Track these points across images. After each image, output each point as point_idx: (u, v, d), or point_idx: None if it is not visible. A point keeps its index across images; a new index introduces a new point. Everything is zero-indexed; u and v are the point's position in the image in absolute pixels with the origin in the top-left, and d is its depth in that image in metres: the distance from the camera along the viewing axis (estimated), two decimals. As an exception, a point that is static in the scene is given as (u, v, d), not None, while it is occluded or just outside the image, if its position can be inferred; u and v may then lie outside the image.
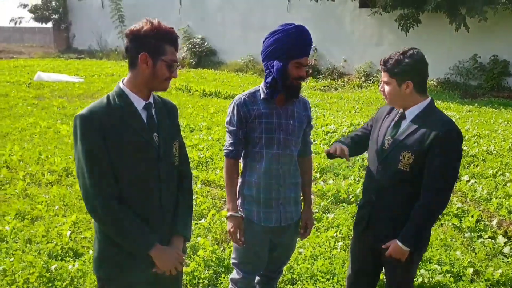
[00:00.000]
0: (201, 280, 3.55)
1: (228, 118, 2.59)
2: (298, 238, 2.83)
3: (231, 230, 2.57)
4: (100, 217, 1.94)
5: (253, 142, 2.55)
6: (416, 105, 2.40)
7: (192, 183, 2.34)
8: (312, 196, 4.57)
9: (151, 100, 2.08)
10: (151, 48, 1.95)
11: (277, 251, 2.75)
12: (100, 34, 32.13)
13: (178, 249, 2.12)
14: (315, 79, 17.82)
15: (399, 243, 2.35)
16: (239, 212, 2.59)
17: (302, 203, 2.79)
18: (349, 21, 18.11)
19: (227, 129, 2.62)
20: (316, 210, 5.01)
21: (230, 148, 2.59)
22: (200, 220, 4.73)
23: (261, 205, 2.57)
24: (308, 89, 15.17)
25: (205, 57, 24.22)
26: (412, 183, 2.35)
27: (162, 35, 1.97)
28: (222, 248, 4.11)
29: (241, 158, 2.64)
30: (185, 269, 3.59)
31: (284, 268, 3.66)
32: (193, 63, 24.09)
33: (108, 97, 1.99)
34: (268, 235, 2.63)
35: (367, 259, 2.66)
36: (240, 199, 2.64)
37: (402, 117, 2.46)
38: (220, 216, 4.71)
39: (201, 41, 24.91)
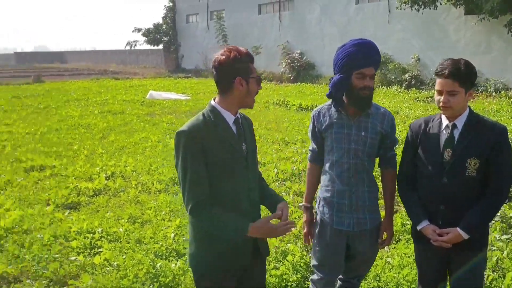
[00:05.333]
0: (289, 283, 3.75)
1: (309, 127, 2.91)
2: (380, 249, 2.92)
3: (304, 220, 2.93)
4: (197, 217, 2.23)
5: (327, 151, 2.76)
6: (463, 113, 2.50)
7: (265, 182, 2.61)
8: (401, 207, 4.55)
9: (238, 115, 2.36)
10: (242, 71, 2.24)
11: (356, 259, 2.86)
12: (206, 54, 33.84)
13: (267, 218, 2.30)
14: (417, 90, 17.26)
15: (460, 230, 2.44)
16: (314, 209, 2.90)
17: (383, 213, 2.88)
18: (453, 29, 17.31)
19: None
20: (408, 222, 4.97)
21: (309, 153, 2.95)
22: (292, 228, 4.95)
23: (334, 209, 2.73)
24: (410, 100, 14.74)
25: (304, 71, 24.51)
26: (479, 186, 2.48)
27: (246, 58, 2.25)
28: (310, 255, 4.28)
29: (324, 165, 2.83)
30: (274, 272, 3.81)
31: (370, 276, 3.73)
32: (291, 78, 24.51)
33: (203, 114, 2.29)
34: (343, 239, 2.76)
35: (437, 271, 2.69)
36: (318, 201, 2.86)
37: (454, 127, 2.49)
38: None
39: (300, 56, 25.26)
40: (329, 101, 2.79)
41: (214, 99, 2.32)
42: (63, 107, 15.12)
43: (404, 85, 18.28)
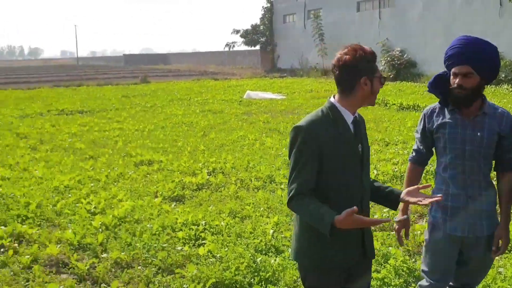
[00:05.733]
0: (391, 287, 3.65)
1: (417, 127, 2.78)
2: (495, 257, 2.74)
3: (396, 227, 2.75)
4: (292, 207, 2.22)
5: (439, 152, 2.64)
6: None
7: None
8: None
9: (356, 115, 2.31)
10: (368, 70, 2.20)
11: (469, 266, 2.70)
12: (302, 53, 33.93)
13: (350, 210, 2.08)
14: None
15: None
16: (407, 215, 2.75)
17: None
18: None
19: (415, 136, 2.79)
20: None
21: (412, 153, 2.81)
22: (392, 231, 4.79)
23: (448, 213, 2.60)
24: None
25: (404, 70, 23.64)
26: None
27: (371, 56, 2.21)
28: (413, 260, 4.12)
29: (436, 167, 2.71)
30: (375, 275, 3.73)
31: (480, 286, 3.50)
32: (391, 76, 23.74)
33: (322, 111, 2.28)
34: (455, 245, 2.62)
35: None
36: (430, 205, 2.71)
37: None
38: (413, 229, 4.69)
39: (400, 54, 24.39)
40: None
41: (334, 97, 2.30)
42: (168, 106, 16.02)
43: (516, 84, 16.89)
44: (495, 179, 2.70)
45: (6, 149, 9.35)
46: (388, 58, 24.44)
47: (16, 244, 4.69)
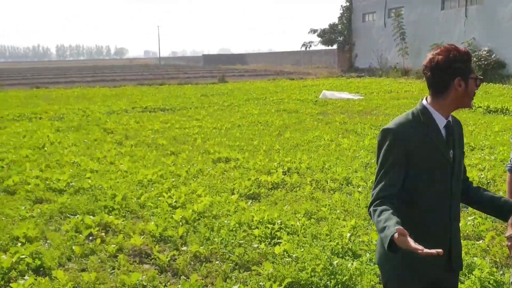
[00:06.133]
0: (477, 301, 3.46)
1: None
2: None
3: (508, 244, 2.50)
4: (370, 214, 2.13)
5: None
6: None
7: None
8: None
9: (449, 119, 2.20)
10: (462, 71, 2.10)
11: None
12: (381, 52, 33.06)
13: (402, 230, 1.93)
14: None
15: None
16: None
17: None
18: None
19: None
20: None
21: (511, 162, 2.61)
22: (478, 241, 4.54)
23: None
24: None
25: (492, 71, 22.25)
26: None
27: (465, 56, 2.10)
28: (501, 272, 3.87)
29: None
30: (460, 286, 3.54)
31: None
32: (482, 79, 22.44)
33: (412, 114, 2.19)
34: None
35: None
36: None
37: None
38: (501, 240, 4.40)
39: (487, 54, 23.00)
40: None
41: (426, 99, 2.21)
42: (244, 105, 16.28)
43: None
44: None
45: (95, 143, 9.98)
46: (475, 59, 23.09)
47: (103, 233, 5.00)
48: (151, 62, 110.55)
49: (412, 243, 1.82)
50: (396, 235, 1.85)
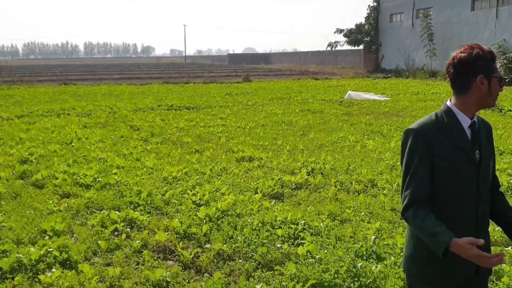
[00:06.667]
0: (505, 309, 3.37)
1: None
2: None
3: None
4: (406, 217, 2.13)
5: None
6: None
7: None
8: None
9: (475, 119, 2.18)
10: (484, 69, 2.08)
11: None
12: (408, 53, 32.62)
13: (471, 241, 1.93)
14: None
15: None
16: None
17: None
18: None
19: None
20: None
21: None
22: (507, 247, 4.43)
23: None
24: None
25: (523, 73, 21.66)
26: None
27: (489, 55, 2.09)
28: (532, 281, 3.77)
29: None
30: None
31: None
32: (507, 80, 21.91)
33: (436, 114, 2.18)
34: None
35: None
36: None
37: None
38: (532, 248, 4.29)
39: (519, 56, 22.39)
40: None
41: (450, 100, 2.20)
42: (268, 105, 16.27)
43: None
44: None
45: (121, 140, 10.13)
46: (505, 61, 22.56)
47: (128, 229, 5.07)
48: (177, 61, 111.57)
49: (477, 251, 1.87)
50: (459, 242, 1.89)
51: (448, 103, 2.19)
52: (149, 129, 11.47)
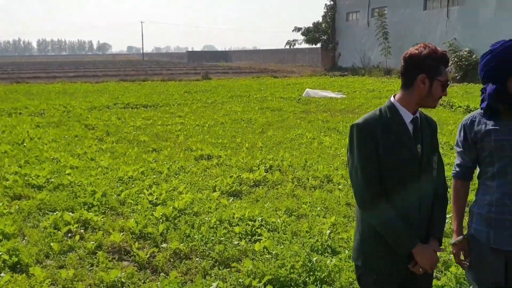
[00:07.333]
0: (451, 297, 3.52)
1: (456, 139, 2.61)
2: None
3: (454, 251, 2.56)
4: (368, 210, 2.22)
5: (485, 162, 2.46)
6: None
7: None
8: None
9: (417, 115, 2.27)
10: (429, 70, 2.16)
11: None
12: (364, 52, 33.31)
13: (436, 249, 2.24)
14: None
15: None
16: (462, 236, 2.54)
17: None
18: None
19: (456, 151, 2.62)
20: None
21: (456, 169, 2.61)
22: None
23: (492, 225, 2.41)
24: None
25: (472, 71, 22.59)
26: None
27: (439, 58, 2.16)
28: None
29: (478, 178, 2.56)
30: (435, 282, 3.61)
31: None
32: (457, 78, 22.81)
33: (380, 110, 2.26)
34: (501, 260, 2.41)
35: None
36: (469, 217, 2.55)
37: None
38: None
39: (468, 54, 23.35)
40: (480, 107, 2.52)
41: (394, 96, 2.28)
42: (228, 103, 16.26)
43: None
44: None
45: (75, 139, 9.87)
46: (455, 59, 23.44)
47: (82, 230, 4.96)
48: (134, 58, 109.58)
49: (436, 260, 2.26)
50: (422, 249, 2.20)
51: (392, 99, 2.26)
52: (104, 128, 11.23)
